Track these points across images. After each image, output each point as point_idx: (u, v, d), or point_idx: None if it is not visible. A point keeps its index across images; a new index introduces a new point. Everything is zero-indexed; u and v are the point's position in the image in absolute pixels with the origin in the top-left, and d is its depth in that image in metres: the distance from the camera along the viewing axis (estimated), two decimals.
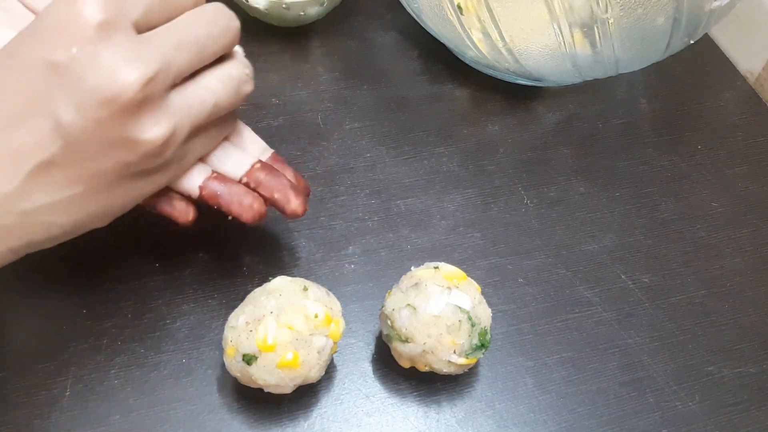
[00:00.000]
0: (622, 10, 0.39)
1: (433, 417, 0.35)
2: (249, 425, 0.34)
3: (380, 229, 0.42)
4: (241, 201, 0.33)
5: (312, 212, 0.43)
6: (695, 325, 0.40)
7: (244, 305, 0.33)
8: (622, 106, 0.51)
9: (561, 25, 0.40)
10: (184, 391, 0.35)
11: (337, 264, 0.40)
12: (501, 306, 0.39)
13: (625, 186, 0.46)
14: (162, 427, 0.34)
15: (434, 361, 0.33)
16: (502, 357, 0.38)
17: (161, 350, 0.36)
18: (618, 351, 0.39)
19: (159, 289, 0.38)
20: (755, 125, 0.51)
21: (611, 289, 0.41)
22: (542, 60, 0.44)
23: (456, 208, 0.44)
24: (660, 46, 0.43)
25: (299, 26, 0.52)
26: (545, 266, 0.42)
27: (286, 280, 0.34)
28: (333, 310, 0.33)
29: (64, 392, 0.34)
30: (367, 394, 0.36)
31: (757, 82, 0.55)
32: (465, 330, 0.32)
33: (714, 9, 0.41)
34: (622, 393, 0.37)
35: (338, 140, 0.47)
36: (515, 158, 0.47)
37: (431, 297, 0.33)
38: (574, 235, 0.43)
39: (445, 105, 0.50)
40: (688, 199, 0.46)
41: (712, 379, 0.38)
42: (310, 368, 0.32)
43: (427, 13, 0.46)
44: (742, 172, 0.48)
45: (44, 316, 0.37)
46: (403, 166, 0.46)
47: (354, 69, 0.51)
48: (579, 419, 0.36)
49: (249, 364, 0.31)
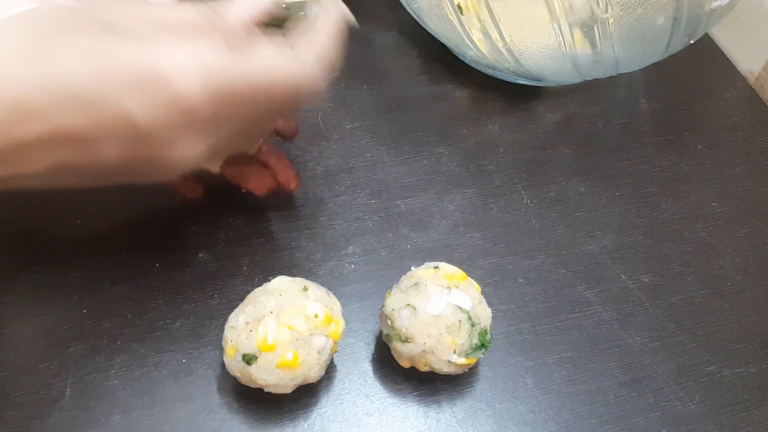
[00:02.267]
0: (622, 10, 0.39)
1: (433, 417, 0.35)
2: (249, 425, 0.34)
3: (380, 229, 0.42)
4: (256, 178, 0.39)
5: (312, 212, 0.43)
6: (695, 325, 0.40)
7: (244, 305, 0.33)
8: (622, 106, 0.51)
9: (561, 25, 0.40)
10: (184, 391, 0.35)
11: (337, 264, 0.40)
12: (501, 306, 0.39)
13: (625, 186, 0.46)
14: (162, 427, 0.34)
15: (434, 361, 0.33)
16: (502, 357, 0.38)
17: (161, 350, 0.36)
18: (618, 351, 0.39)
19: (159, 289, 0.38)
20: (755, 125, 0.51)
21: (611, 289, 0.41)
22: (542, 60, 0.44)
23: (456, 208, 0.44)
24: (660, 46, 0.43)
25: None
26: (545, 266, 0.42)
27: (286, 280, 0.34)
28: (333, 310, 0.33)
29: (64, 392, 0.34)
30: (367, 394, 0.36)
31: (757, 82, 0.55)
32: (465, 330, 0.32)
33: (714, 9, 0.41)
34: (622, 393, 0.37)
35: (338, 140, 0.47)
36: (515, 158, 0.47)
37: (431, 297, 0.33)
38: (574, 235, 0.43)
39: (445, 105, 0.50)
40: (688, 199, 0.46)
41: (712, 379, 0.38)
42: (310, 368, 0.32)
43: (427, 13, 0.46)
44: (742, 172, 0.48)
45: (44, 317, 0.37)
46: (403, 166, 0.46)
47: (354, 69, 0.51)
48: (579, 419, 0.36)
49: (249, 364, 0.31)
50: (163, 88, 0.26)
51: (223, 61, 0.28)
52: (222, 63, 0.28)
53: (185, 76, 0.27)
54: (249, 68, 0.28)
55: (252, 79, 0.28)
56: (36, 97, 0.26)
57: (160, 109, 0.27)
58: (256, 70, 0.28)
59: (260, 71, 0.29)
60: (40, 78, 0.26)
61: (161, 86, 0.26)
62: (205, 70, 0.27)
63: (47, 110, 0.26)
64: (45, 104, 0.26)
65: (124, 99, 0.26)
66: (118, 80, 0.26)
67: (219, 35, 0.29)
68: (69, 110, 0.26)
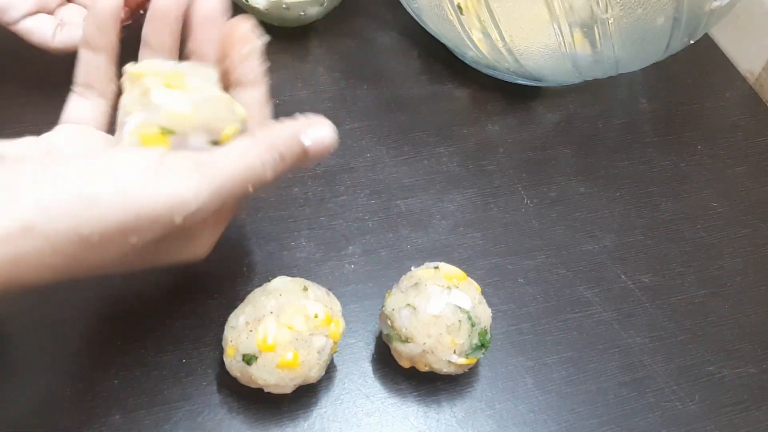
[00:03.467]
0: (622, 10, 0.39)
1: (433, 417, 0.35)
2: (249, 425, 0.34)
3: (380, 229, 0.42)
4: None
5: (312, 212, 0.43)
6: (695, 325, 0.40)
7: (244, 305, 0.33)
8: (622, 106, 0.51)
9: (561, 25, 0.40)
10: (184, 391, 0.35)
11: (337, 264, 0.40)
12: (501, 306, 0.39)
13: (625, 186, 0.46)
14: (162, 427, 0.34)
15: (434, 361, 0.33)
16: (502, 357, 0.38)
17: (161, 350, 0.36)
18: (618, 351, 0.39)
19: (159, 289, 0.38)
20: (755, 125, 0.51)
21: (611, 289, 0.41)
22: (542, 60, 0.44)
23: (456, 208, 0.44)
24: (660, 46, 0.43)
25: (299, 26, 0.52)
26: (545, 266, 0.42)
27: (286, 280, 0.34)
28: (333, 310, 0.33)
29: (64, 392, 0.34)
30: (367, 394, 0.36)
31: (757, 82, 0.55)
32: (465, 330, 0.32)
33: (714, 9, 0.41)
34: (622, 393, 0.37)
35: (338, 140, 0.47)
36: (515, 158, 0.47)
37: (431, 297, 0.33)
38: (574, 235, 0.43)
39: (445, 105, 0.50)
40: (688, 199, 0.46)
41: (712, 379, 0.38)
42: (310, 368, 0.32)
43: (427, 13, 0.46)
44: (742, 172, 0.48)
45: (44, 317, 0.37)
46: (403, 166, 0.46)
47: (354, 69, 0.51)
48: (579, 419, 0.36)
49: (249, 364, 0.31)
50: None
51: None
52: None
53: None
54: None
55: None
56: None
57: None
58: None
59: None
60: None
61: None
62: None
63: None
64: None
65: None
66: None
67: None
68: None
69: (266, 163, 0.29)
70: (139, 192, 0.26)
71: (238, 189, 0.28)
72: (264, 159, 0.29)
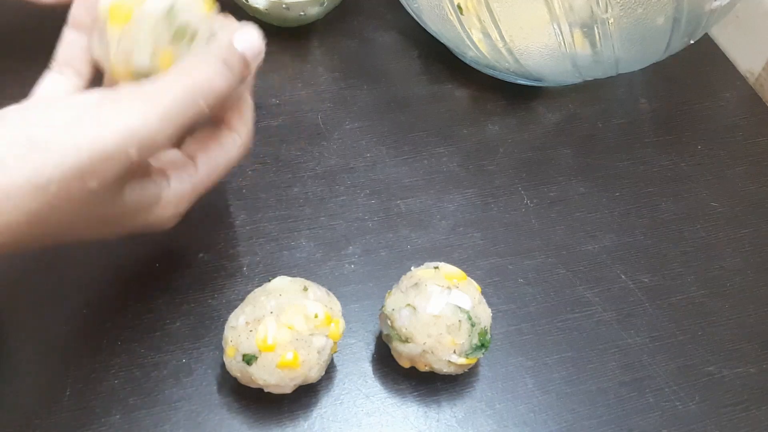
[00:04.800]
0: (622, 10, 0.39)
1: (433, 417, 0.35)
2: (249, 425, 0.34)
3: (380, 229, 0.42)
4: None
5: (312, 212, 0.43)
6: (695, 325, 0.40)
7: (244, 305, 0.33)
8: (622, 106, 0.51)
9: (561, 25, 0.40)
10: (184, 391, 0.35)
11: (337, 264, 0.40)
12: (501, 306, 0.39)
13: (625, 186, 0.46)
14: (162, 427, 0.34)
15: (434, 361, 0.33)
16: (502, 357, 0.38)
17: (161, 350, 0.36)
18: (618, 351, 0.38)
19: (159, 289, 0.38)
20: (755, 125, 0.51)
21: (611, 289, 0.41)
22: (542, 60, 0.44)
23: (456, 208, 0.44)
24: (660, 46, 0.43)
25: (299, 26, 0.52)
26: (545, 266, 0.42)
27: (286, 280, 0.34)
28: (333, 310, 0.33)
29: (64, 392, 0.34)
30: (367, 394, 0.36)
31: (757, 82, 0.55)
32: (465, 330, 0.32)
33: (714, 9, 0.41)
34: (622, 393, 0.37)
35: (338, 140, 0.47)
36: (515, 158, 0.47)
37: (431, 297, 0.33)
38: (574, 235, 0.43)
39: (445, 105, 0.50)
40: (688, 199, 0.46)
41: (712, 379, 0.38)
42: (310, 368, 0.32)
43: (427, 13, 0.46)
44: (742, 172, 0.48)
45: (44, 317, 0.37)
46: (403, 166, 0.46)
47: (354, 69, 0.51)
48: (579, 419, 0.36)
49: (249, 364, 0.31)
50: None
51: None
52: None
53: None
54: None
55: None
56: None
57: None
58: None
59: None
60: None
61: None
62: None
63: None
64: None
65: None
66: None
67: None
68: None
69: (213, 74, 0.29)
70: (88, 131, 0.25)
71: (189, 108, 0.28)
72: (208, 72, 0.29)
